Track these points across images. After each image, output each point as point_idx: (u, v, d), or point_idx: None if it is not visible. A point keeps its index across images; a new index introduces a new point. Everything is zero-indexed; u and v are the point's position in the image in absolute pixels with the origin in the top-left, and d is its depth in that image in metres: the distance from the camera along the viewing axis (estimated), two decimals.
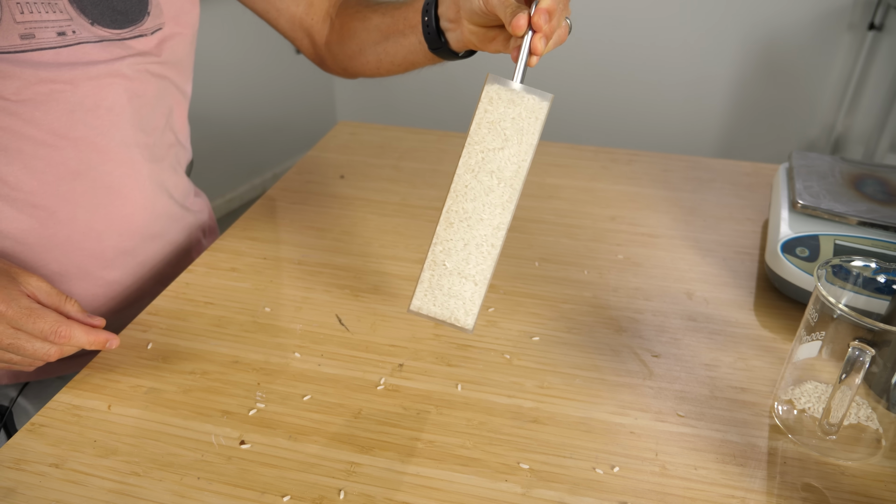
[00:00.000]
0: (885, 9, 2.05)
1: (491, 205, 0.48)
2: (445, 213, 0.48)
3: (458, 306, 0.48)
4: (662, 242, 0.76)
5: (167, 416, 0.51)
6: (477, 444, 0.49)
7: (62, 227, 0.63)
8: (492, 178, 0.48)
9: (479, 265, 0.48)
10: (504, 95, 0.48)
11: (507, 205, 0.48)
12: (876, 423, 0.50)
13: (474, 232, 0.48)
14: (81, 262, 0.66)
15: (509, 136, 0.48)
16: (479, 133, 0.48)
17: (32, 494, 0.44)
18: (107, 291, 0.69)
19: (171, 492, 0.45)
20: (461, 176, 0.48)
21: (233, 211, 2.40)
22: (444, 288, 0.48)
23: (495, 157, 0.48)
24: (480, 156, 0.48)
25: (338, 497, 0.45)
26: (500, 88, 0.48)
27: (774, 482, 0.47)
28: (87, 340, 0.51)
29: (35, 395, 0.71)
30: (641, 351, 0.59)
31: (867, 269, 0.53)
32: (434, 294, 0.49)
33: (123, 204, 0.68)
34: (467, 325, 0.48)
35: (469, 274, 0.48)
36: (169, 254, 0.76)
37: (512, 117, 0.47)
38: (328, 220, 0.79)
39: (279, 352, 0.58)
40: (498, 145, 0.48)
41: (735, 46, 2.25)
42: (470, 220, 0.48)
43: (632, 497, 0.45)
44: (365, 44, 0.71)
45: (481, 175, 0.48)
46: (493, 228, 0.48)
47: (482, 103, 0.48)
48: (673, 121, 2.40)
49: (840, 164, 0.77)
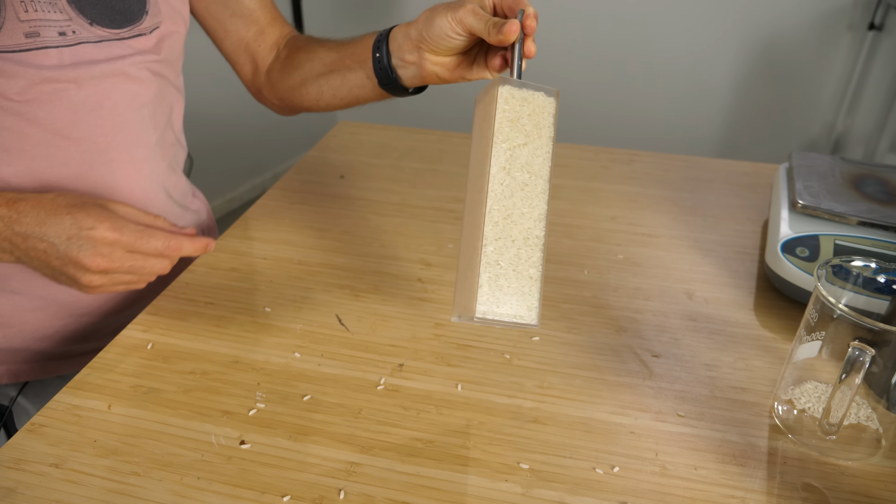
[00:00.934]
0: (885, 9, 2.05)
1: (528, 197, 0.49)
2: (489, 213, 0.48)
3: (520, 303, 0.47)
4: (662, 242, 0.76)
5: (167, 416, 0.51)
6: (477, 444, 0.49)
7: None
8: (523, 173, 0.49)
9: (531, 258, 0.48)
10: (517, 94, 0.49)
11: (542, 195, 0.49)
12: (876, 423, 0.50)
13: (520, 227, 0.48)
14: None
15: (529, 131, 0.49)
16: (502, 132, 0.49)
17: (32, 494, 0.44)
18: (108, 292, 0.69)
19: (171, 492, 0.45)
20: (496, 175, 0.48)
21: (233, 211, 2.40)
22: (503, 287, 0.47)
23: (522, 152, 0.49)
24: (508, 153, 0.49)
25: (338, 497, 0.45)
26: (513, 88, 0.49)
27: (774, 482, 0.47)
28: (193, 248, 0.55)
29: (35, 394, 0.71)
30: (641, 351, 0.59)
31: (867, 269, 0.53)
32: (496, 296, 0.47)
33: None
34: (532, 320, 0.47)
35: (524, 269, 0.48)
36: None
37: (528, 114, 0.49)
38: (328, 220, 0.79)
39: (279, 352, 0.58)
40: (521, 141, 0.49)
41: (735, 46, 2.25)
42: (512, 216, 0.48)
43: (632, 497, 0.45)
44: (308, 76, 0.72)
45: (514, 171, 0.49)
46: (535, 220, 0.49)
47: (500, 104, 0.49)
48: (673, 121, 2.40)
49: (840, 164, 0.77)
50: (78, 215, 0.51)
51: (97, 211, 0.52)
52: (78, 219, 0.51)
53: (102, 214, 0.52)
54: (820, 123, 2.32)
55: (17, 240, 0.52)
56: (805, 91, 2.27)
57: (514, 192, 0.49)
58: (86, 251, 0.51)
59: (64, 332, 0.68)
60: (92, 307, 0.69)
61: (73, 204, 0.52)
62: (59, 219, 0.51)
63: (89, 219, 0.51)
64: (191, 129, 0.80)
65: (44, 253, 0.52)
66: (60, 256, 0.51)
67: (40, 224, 0.51)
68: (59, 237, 0.51)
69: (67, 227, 0.51)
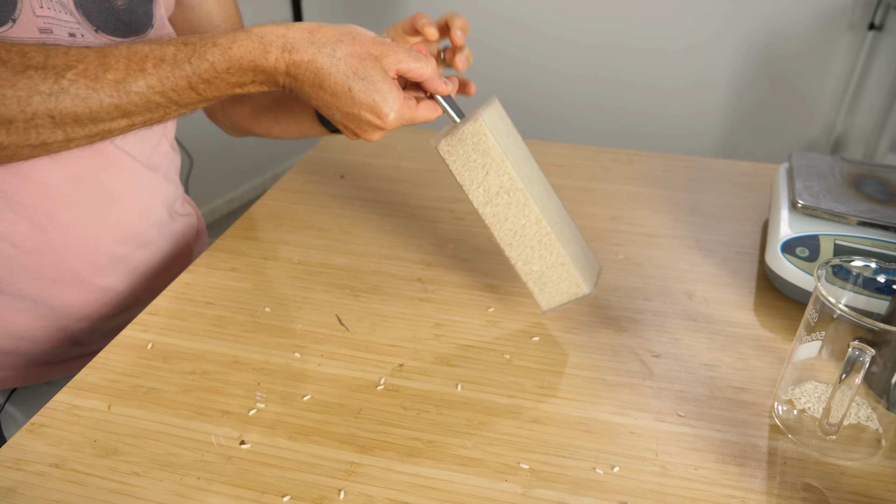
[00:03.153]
0: (885, 9, 2.05)
1: (517, 212, 0.57)
2: (499, 240, 0.58)
3: (568, 286, 0.59)
4: (662, 242, 0.76)
5: (167, 416, 0.51)
6: (477, 444, 0.49)
7: (61, 231, 0.63)
8: (500, 196, 0.56)
9: (552, 252, 0.57)
10: (452, 141, 0.56)
11: (526, 202, 0.56)
12: (876, 423, 0.50)
13: (528, 236, 0.57)
14: (76, 268, 0.65)
15: (483, 161, 0.56)
16: (464, 178, 0.56)
17: (32, 494, 0.44)
18: (99, 297, 0.69)
19: (171, 492, 0.45)
20: (484, 212, 0.57)
21: (233, 211, 2.40)
22: (549, 284, 0.59)
23: (489, 181, 0.56)
24: (480, 190, 0.56)
25: (338, 497, 0.45)
26: (446, 140, 0.56)
27: (774, 482, 0.47)
28: (436, 116, 0.57)
29: (23, 401, 0.70)
30: (641, 351, 0.59)
31: (867, 269, 0.53)
32: (548, 292, 0.59)
33: (121, 211, 0.68)
34: (584, 291, 0.59)
35: (552, 262, 0.58)
36: (158, 261, 0.76)
37: (472, 148, 0.55)
38: (328, 220, 0.79)
39: (279, 352, 0.58)
40: (482, 173, 0.56)
41: (735, 46, 2.25)
42: (517, 232, 0.57)
43: (632, 497, 0.45)
44: (258, 109, 0.78)
45: (494, 200, 0.57)
46: (535, 224, 0.57)
47: (446, 162, 0.56)
48: (673, 121, 2.40)
49: (840, 164, 0.77)
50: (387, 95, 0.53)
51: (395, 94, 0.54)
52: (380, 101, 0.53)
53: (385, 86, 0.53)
54: (820, 123, 2.32)
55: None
56: (805, 91, 2.27)
57: (504, 215, 0.57)
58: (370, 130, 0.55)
59: (53, 335, 0.68)
60: (82, 314, 0.69)
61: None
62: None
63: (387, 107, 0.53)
64: (191, 129, 0.80)
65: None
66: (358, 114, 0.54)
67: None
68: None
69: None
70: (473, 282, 0.68)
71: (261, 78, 0.53)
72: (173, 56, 0.51)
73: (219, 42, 0.52)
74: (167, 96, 0.52)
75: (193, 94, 0.52)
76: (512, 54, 2.41)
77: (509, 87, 2.43)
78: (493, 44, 2.38)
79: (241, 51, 0.52)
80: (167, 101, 0.52)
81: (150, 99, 0.51)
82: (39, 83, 0.47)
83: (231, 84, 0.53)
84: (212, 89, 0.53)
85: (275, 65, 0.52)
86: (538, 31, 2.39)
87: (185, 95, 0.52)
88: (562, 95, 2.43)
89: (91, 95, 0.49)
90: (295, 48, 0.52)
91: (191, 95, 0.52)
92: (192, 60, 0.51)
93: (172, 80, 0.51)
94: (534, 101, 2.44)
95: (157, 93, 0.51)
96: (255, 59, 0.52)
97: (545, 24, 2.38)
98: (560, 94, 2.42)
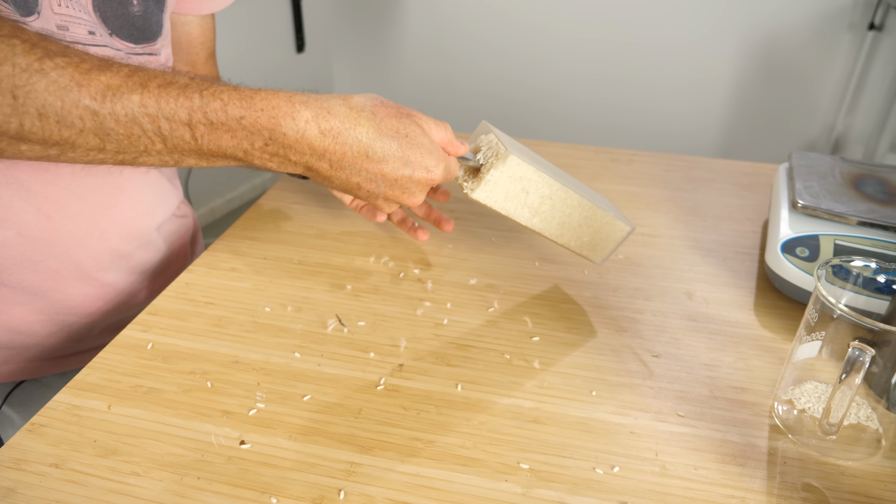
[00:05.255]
0: (885, 9, 2.05)
1: (562, 206, 0.62)
2: (551, 237, 0.64)
3: (615, 234, 0.66)
4: (662, 242, 0.76)
5: (167, 416, 0.51)
6: (477, 444, 0.49)
7: (68, 221, 0.63)
8: (544, 204, 0.61)
9: (596, 217, 0.63)
10: (489, 187, 0.58)
11: (566, 193, 0.61)
12: (876, 423, 0.50)
13: (575, 219, 0.63)
14: (80, 261, 0.66)
15: (520, 186, 0.59)
16: (507, 208, 0.60)
17: (32, 494, 0.44)
18: (100, 293, 0.69)
19: (171, 492, 0.45)
20: (531, 224, 0.62)
21: (233, 211, 2.40)
22: (600, 242, 0.66)
23: (531, 199, 0.60)
24: (525, 209, 0.61)
25: (338, 497, 0.45)
26: (480, 188, 0.58)
27: (774, 482, 0.47)
28: (458, 169, 0.58)
29: (20, 403, 0.70)
30: (641, 351, 0.59)
31: (867, 269, 0.53)
32: (601, 248, 0.66)
33: (128, 206, 0.68)
34: (627, 229, 0.66)
35: (599, 226, 0.64)
36: (157, 261, 0.76)
37: (508, 182, 0.58)
38: (328, 220, 0.79)
39: (279, 352, 0.58)
40: (524, 196, 0.60)
41: (735, 46, 2.25)
42: (565, 223, 0.63)
43: (632, 497, 0.45)
44: None
45: (540, 209, 0.61)
46: (578, 206, 0.62)
47: (488, 205, 0.59)
48: (673, 121, 2.40)
49: (840, 164, 0.77)
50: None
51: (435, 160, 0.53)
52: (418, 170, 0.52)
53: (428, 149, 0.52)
54: (820, 123, 2.32)
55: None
56: (805, 91, 2.27)
57: (551, 216, 0.62)
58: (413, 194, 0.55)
59: (50, 330, 0.68)
60: (84, 308, 0.69)
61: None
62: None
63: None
64: None
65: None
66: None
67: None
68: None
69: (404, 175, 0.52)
70: (473, 282, 0.68)
71: (273, 148, 0.47)
72: (185, 84, 0.46)
73: (242, 88, 0.47)
74: (157, 124, 0.45)
75: (188, 134, 0.46)
76: (512, 54, 2.41)
77: (509, 87, 2.43)
78: (494, 44, 2.38)
79: (263, 102, 0.45)
80: (154, 131, 0.45)
81: (137, 121, 0.44)
82: (20, 54, 0.41)
83: (235, 144, 0.46)
84: (211, 138, 0.46)
85: (303, 130, 0.46)
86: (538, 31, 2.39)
87: (177, 131, 0.45)
88: (562, 95, 2.43)
89: (71, 89, 0.42)
90: (332, 112, 0.47)
91: (184, 135, 0.46)
92: (205, 94, 0.45)
93: (172, 107, 0.45)
94: (534, 101, 2.44)
95: (148, 116, 0.44)
96: (277, 118, 0.45)
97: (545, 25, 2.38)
98: (560, 94, 2.42)
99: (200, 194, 2.22)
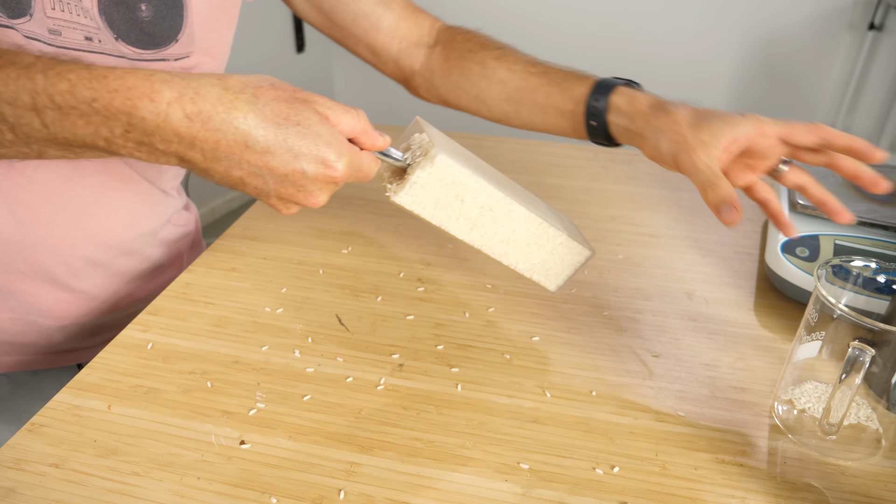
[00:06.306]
0: (885, 9, 2.05)
1: (505, 221, 0.54)
2: (493, 255, 0.55)
3: (571, 258, 0.58)
4: (662, 242, 0.76)
5: (167, 416, 0.51)
6: (477, 444, 0.49)
7: (39, 228, 0.61)
8: (484, 216, 0.53)
9: (548, 236, 0.56)
10: (414, 190, 0.51)
11: (511, 205, 0.53)
12: (876, 423, 0.50)
13: (521, 236, 0.55)
14: (49, 267, 0.63)
15: (453, 193, 0.51)
16: (439, 218, 0.52)
17: (32, 494, 0.44)
18: (71, 298, 0.67)
19: (171, 492, 0.45)
20: (468, 238, 0.54)
21: (233, 211, 2.40)
22: (553, 266, 0.58)
23: (467, 209, 0.52)
24: (461, 221, 0.53)
25: (338, 497, 0.45)
26: (403, 192, 0.51)
27: (774, 482, 0.47)
28: (377, 168, 0.50)
29: (5, 415, 0.69)
30: (641, 351, 0.59)
31: (867, 269, 0.53)
32: (555, 273, 0.59)
33: (106, 216, 0.65)
34: (587, 254, 0.59)
35: (551, 247, 0.57)
36: (145, 269, 0.73)
37: (438, 187, 0.51)
38: (328, 220, 0.79)
39: (279, 352, 0.58)
40: (458, 204, 0.52)
41: (735, 46, 2.25)
42: (510, 240, 0.55)
43: (632, 497, 0.45)
44: (486, 94, 0.68)
45: (479, 222, 0.53)
46: (524, 223, 0.54)
47: (414, 212, 0.52)
48: None
49: None
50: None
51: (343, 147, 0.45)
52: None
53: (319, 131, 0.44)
54: None
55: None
56: (805, 91, 2.27)
57: (493, 230, 0.54)
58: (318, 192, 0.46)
59: (21, 329, 0.66)
60: (55, 312, 0.66)
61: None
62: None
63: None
64: None
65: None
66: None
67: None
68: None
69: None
70: (473, 282, 0.68)
71: (136, 136, 0.41)
72: (29, 63, 0.40)
73: (96, 66, 0.41)
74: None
75: (37, 120, 0.40)
76: None
77: None
78: None
79: (117, 82, 0.40)
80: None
81: None
82: None
83: (93, 131, 0.41)
84: (64, 125, 0.41)
85: (165, 114, 0.40)
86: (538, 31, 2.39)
87: (24, 118, 0.40)
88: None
89: None
90: (200, 93, 0.40)
91: (32, 122, 0.40)
92: (49, 74, 0.39)
93: (13, 90, 0.39)
94: None
95: None
96: (133, 100, 0.40)
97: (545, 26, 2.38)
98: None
99: (200, 194, 2.22)
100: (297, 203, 0.47)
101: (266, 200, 0.46)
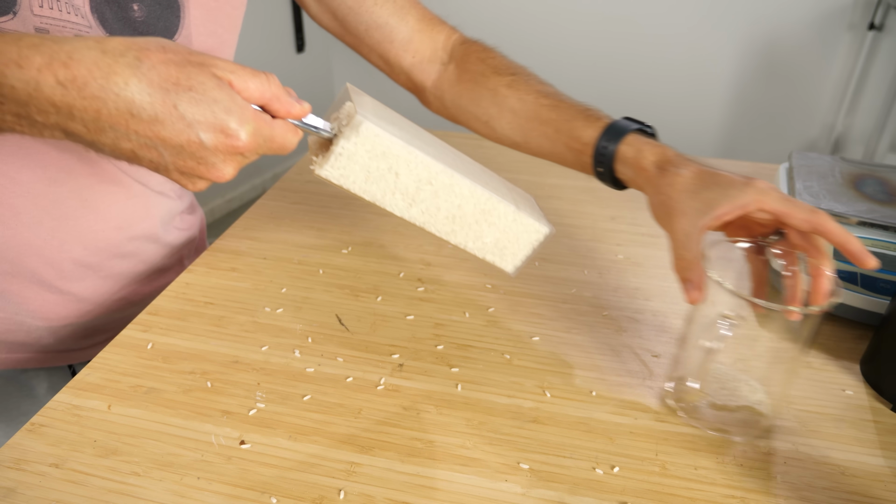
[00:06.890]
0: (885, 9, 2.05)
1: (448, 195, 0.50)
2: (439, 233, 0.52)
3: (528, 236, 0.54)
4: (662, 242, 0.76)
5: (167, 416, 0.51)
6: (477, 444, 0.49)
7: (24, 229, 0.60)
8: (423, 190, 0.50)
9: (499, 212, 0.52)
10: (340, 162, 0.47)
11: (453, 178, 0.50)
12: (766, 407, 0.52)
13: (468, 212, 0.52)
14: (37, 269, 0.62)
15: (386, 165, 0.48)
16: (373, 192, 0.49)
17: (32, 494, 0.44)
18: (59, 300, 0.66)
19: (171, 492, 0.45)
20: (408, 215, 0.51)
21: (233, 211, 2.40)
22: (508, 245, 0.54)
23: (403, 182, 0.49)
24: (398, 196, 0.49)
25: (338, 497, 0.45)
26: (328, 164, 0.47)
27: (774, 482, 0.47)
28: (297, 140, 0.45)
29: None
30: (641, 351, 0.59)
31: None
32: (510, 252, 0.54)
33: (96, 220, 0.64)
34: (545, 232, 0.54)
35: (504, 225, 0.53)
36: (140, 273, 0.72)
37: (367, 159, 0.47)
38: (328, 220, 0.79)
39: (279, 352, 0.58)
40: (392, 178, 0.48)
41: (735, 47, 2.25)
42: (455, 217, 0.52)
43: (632, 497, 0.45)
44: (495, 121, 0.67)
45: (419, 197, 0.50)
46: (470, 198, 0.51)
47: (343, 186, 0.49)
48: (673, 121, 2.40)
49: (840, 164, 0.77)
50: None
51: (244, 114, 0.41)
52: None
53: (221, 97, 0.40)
54: (820, 123, 2.32)
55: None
56: (805, 91, 2.27)
57: (436, 206, 0.51)
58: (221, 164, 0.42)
59: (10, 328, 0.65)
60: (43, 313, 0.66)
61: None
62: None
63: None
64: None
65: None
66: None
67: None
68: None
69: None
70: (473, 282, 0.68)
71: (12, 108, 0.38)
72: None
73: None
74: None
75: None
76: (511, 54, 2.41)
77: None
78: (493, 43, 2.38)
79: None
80: None
81: None
82: None
83: None
84: None
85: (35, 81, 0.37)
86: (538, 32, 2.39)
87: None
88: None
89: None
90: (74, 58, 0.37)
91: None
92: None
93: None
94: None
95: None
96: (0, 68, 0.36)
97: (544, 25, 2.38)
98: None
99: (200, 194, 2.22)
100: (202, 177, 0.43)
101: (167, 175, 0.42)
